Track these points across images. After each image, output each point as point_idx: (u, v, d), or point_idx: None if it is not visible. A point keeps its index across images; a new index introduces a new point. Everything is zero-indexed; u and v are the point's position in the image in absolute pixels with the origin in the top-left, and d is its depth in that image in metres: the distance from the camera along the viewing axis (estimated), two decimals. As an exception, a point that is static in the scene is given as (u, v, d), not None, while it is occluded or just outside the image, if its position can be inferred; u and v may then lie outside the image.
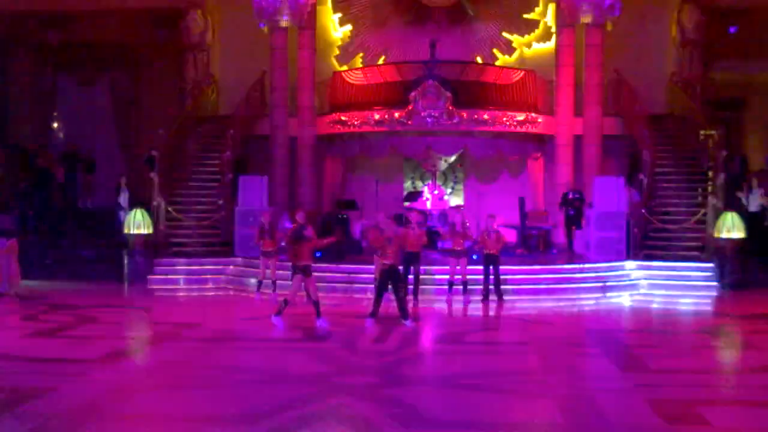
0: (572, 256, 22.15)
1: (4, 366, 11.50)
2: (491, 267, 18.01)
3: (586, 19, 23.44)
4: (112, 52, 28.76)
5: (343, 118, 23.75)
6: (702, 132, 23.17)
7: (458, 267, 17.97)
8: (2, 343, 13.22)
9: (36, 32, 28.22)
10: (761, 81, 28.43)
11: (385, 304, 17.21)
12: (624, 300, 19.31)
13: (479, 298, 17.95)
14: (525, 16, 25.92)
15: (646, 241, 21.99)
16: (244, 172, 24.50)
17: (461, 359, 12.64)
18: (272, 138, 25.02)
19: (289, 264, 15.03)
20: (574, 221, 22.70)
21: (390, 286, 15.20)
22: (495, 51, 25.94)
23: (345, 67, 25.89)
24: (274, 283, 18.40)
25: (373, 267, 18.13)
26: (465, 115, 22.80)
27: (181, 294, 20.10)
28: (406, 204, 23.51)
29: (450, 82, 22.85)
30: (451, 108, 22.68)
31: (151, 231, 21.74)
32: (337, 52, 26.41)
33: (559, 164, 24.34)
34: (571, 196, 22.78)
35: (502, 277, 18.17)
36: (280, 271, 18.66)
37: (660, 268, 21.02)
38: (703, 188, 22.66)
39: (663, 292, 19.91)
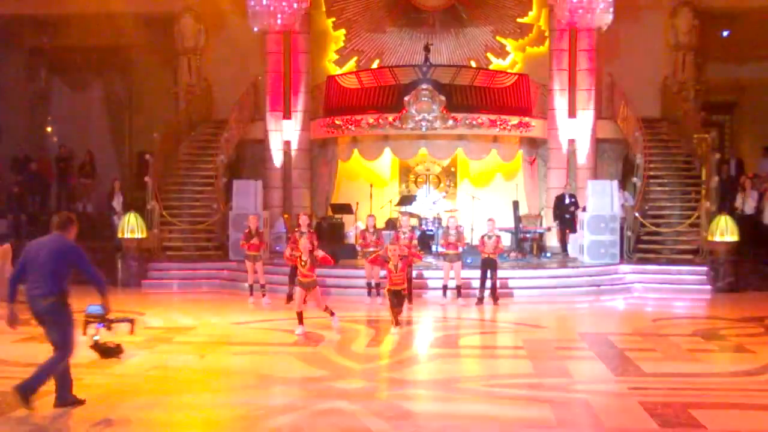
0: (566, 260, 22.23)
1: (-3, 371, 11.49)
2: (488, 271, 18.05)
3: (580, 23, 23.47)
4: (106, 55, 28.78)
5: (337, 121, 23.77)
6: (695, 135, 23.26)
7: (452, 271, 18.04)
8: (-5, 348, 13.21)
9: (29, 36, 28.22)
10: (754, 84, 28.52)
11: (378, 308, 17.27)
12: (618, 303, 19.35)
13: (474, 301, 18.04)
14: (519, 20, 25.99)
15: (640, 245, 22.07)
16: (238, 175, 24.56)
17: (455, 363, 12.65)
18: (266, 142, 25.03)
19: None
20: (568, 225, 22.75)
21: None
22: (489, 55, 25.99)
23: (339, 71, 25.92)
24: (263, 286, 18.40)
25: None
26: (459, 118, 22.84)
27: (175, 298, 20.08)
28: (400, 208, 23.53)
29: (444, 86, 22.89)
30: (445, 112, 22.71)
31: (145, 235, 21.75)
32: (331, 56, 26.44)
33: (552, 168, 24.38)
34: (567, 200, 22.80)
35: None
36: (268, 275, 18.69)
37: (654, 272, 21.11)
38: (696, 191, 22.75)
39: (657, 295, 19.98)
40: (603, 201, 21.56)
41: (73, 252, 9.58)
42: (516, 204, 22.70)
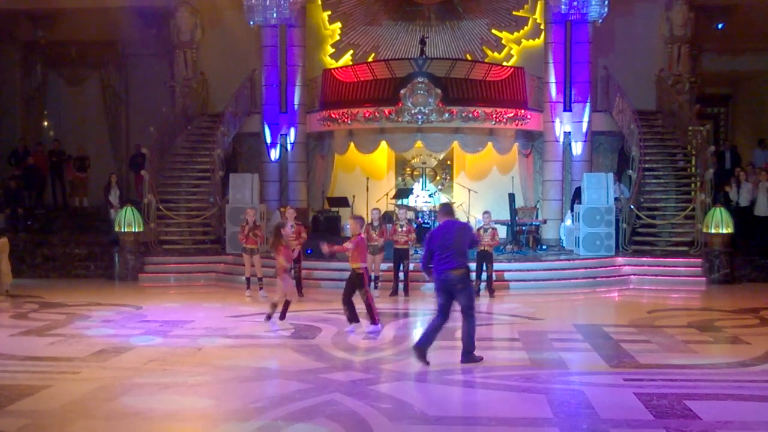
0: (562, 252, 22.31)
1: (-5, 364, 11.53)
2: (485, 263, 18.15)
3: (575, 15, 23.48)
4: (102, 50, 28.80)
5: (333, 115, 23.78)
6: (690, 128, 23.31)
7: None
8: (-7, 342, 13.25)
9: (25, 30, 28.20)
10: (749, 76, 28.61)
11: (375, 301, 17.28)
12: (613, 295, 19.41)
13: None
14: (514, 12, 26.01)
15: (635, 237, 22.13)
16: (234, 169, 24.59)
17: (451, 355, 12.69)
18: (262, 135, 25.05)
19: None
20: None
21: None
22: (484, 48, 26.00)
23: (335, 64, 25.93)
24: (260, 279, 18.44)
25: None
26: (455, 111, 22.86)
27: (171, 291, 20.13)
28: (396, 201, 23.57)
29: (440, 79, 22.92)
30: (440, 105, 22.73)
31: (141, 229, 21.79)
32: (327, 49, 26.45)
33: (548, 161, 24.41)
34: None
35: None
36: (265, 268, 18.73)
37: (649, 264, 21.18)
38: (692, 183, 22.83)
39: (652, 286, 20.06)
40: (599, 193, 21.61)
41: (468, 230, 11.97)
42: (512, 197, 22.74)
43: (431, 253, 11.33)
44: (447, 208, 11.94)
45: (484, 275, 18.29)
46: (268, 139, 25.02)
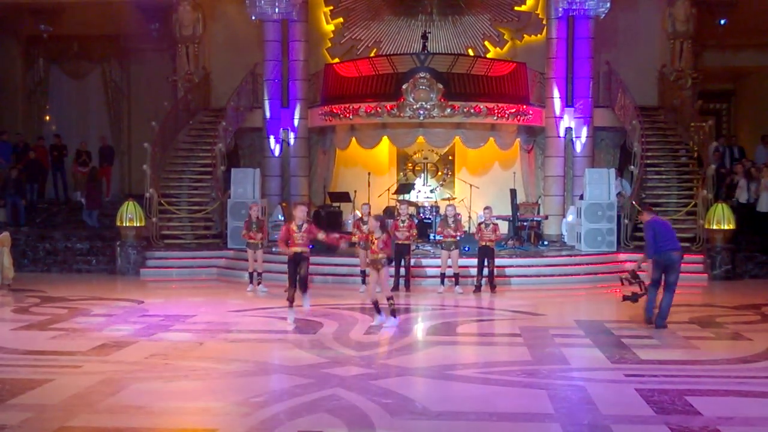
0: (563, 248, 22.31)
1: (-3, 358, 11.54)
2: (486, 259, 18.14)
3: (577, 11, 23.42)
4: (104, 44, 28.82)
5: (334, 110, 23.76)
6: (692, 123, 23.29)
7: (450, 259, 18.10)
8: (-5, 336, 13.26)
9: (27, 24, 28.17)
10: (751, 72, 28.58)
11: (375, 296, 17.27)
12: (615, 291, 19.38)
13: (471, 289, 18.13)
14: (516, 8, 25.94)
15: (637, 233, 22.10)
16: (236, 164, 24.60)
17: (453, 350, 12.71)
18: (264, 130, 25.04)
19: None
20: None
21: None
22: (486, 43, 25.97)
23: (337, 60, 25.90)
24: (260, 275, 18.44)
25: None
26: (457, 107, 22.83)
27: (173, 286, 20.13)
28: (398, 196, 23.57)
29: (442, 74, 22.89)
30: (442, 100, 22.71)
31: (143, 223, 21.80)
32: (329, 44, 26.42)
33: (550, 156, 24.38)
34: None
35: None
36: (267, 263, 18.74)
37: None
38: (693, 179, 22.81)
39: (654, 283, 19.99)
40: (600, 189, 21.61)
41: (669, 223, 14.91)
42: (513, 192, 22.73)
43: (655, 237, 13.59)
44: (649, 207, 14.72)
45: (485, 270, 18.28)
46: (270, 134, 25.00)
